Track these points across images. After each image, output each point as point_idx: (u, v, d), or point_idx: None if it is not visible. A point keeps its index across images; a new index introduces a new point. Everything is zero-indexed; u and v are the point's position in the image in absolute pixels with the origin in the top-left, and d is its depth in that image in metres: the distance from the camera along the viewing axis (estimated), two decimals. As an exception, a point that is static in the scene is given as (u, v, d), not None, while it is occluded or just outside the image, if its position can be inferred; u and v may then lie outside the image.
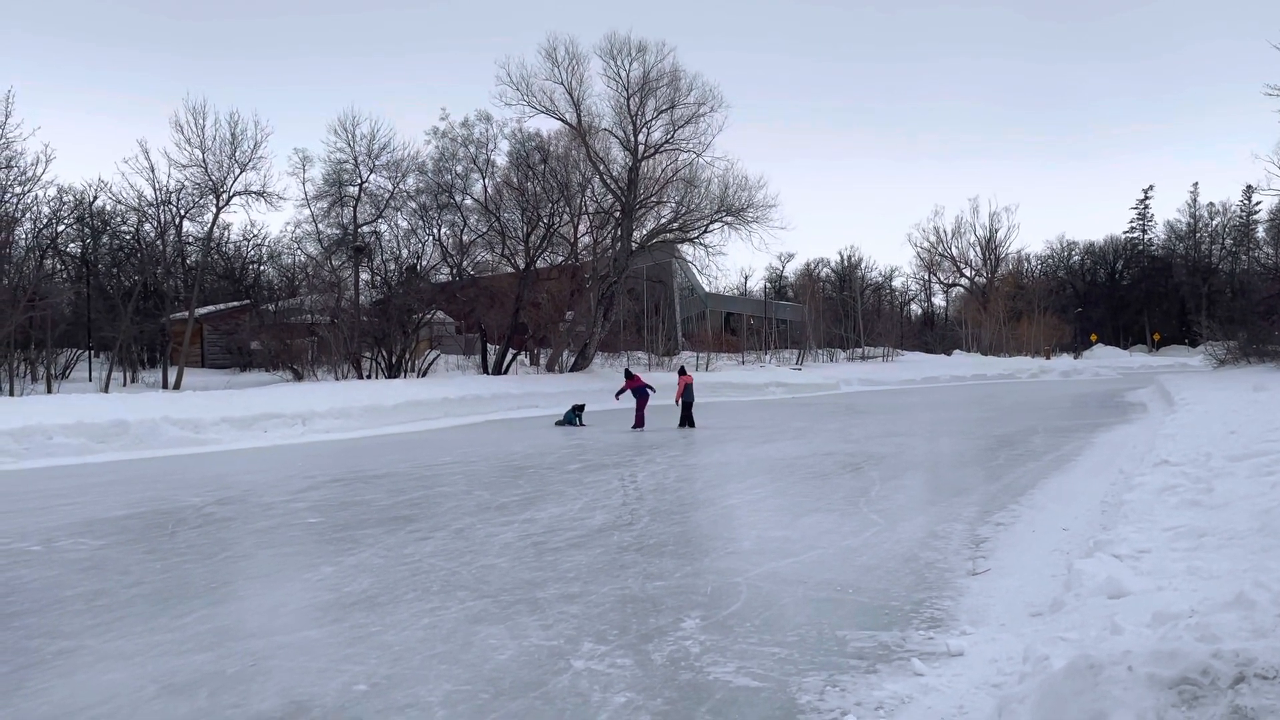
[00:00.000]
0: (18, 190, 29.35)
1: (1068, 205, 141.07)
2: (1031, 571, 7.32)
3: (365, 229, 35.46)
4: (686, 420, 22.40)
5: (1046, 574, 7.16)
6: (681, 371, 23.59)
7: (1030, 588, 6.80)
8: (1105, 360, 71.95)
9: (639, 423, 22.65)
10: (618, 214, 37.69)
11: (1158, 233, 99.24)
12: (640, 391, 23.02)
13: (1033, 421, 22.70)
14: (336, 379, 31.38)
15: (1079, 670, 3.66)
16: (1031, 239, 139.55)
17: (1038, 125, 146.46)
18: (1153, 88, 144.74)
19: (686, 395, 22.56)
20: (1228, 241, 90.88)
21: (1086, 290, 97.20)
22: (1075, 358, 74.12)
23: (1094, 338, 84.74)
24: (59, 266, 36.21)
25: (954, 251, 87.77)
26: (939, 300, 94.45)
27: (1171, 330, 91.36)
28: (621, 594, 6.74)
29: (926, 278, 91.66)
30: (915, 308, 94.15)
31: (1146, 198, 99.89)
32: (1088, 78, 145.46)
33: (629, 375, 23.92)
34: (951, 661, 5.20)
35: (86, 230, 36.16)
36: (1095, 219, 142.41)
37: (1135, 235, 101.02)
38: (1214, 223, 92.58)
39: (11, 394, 24.45)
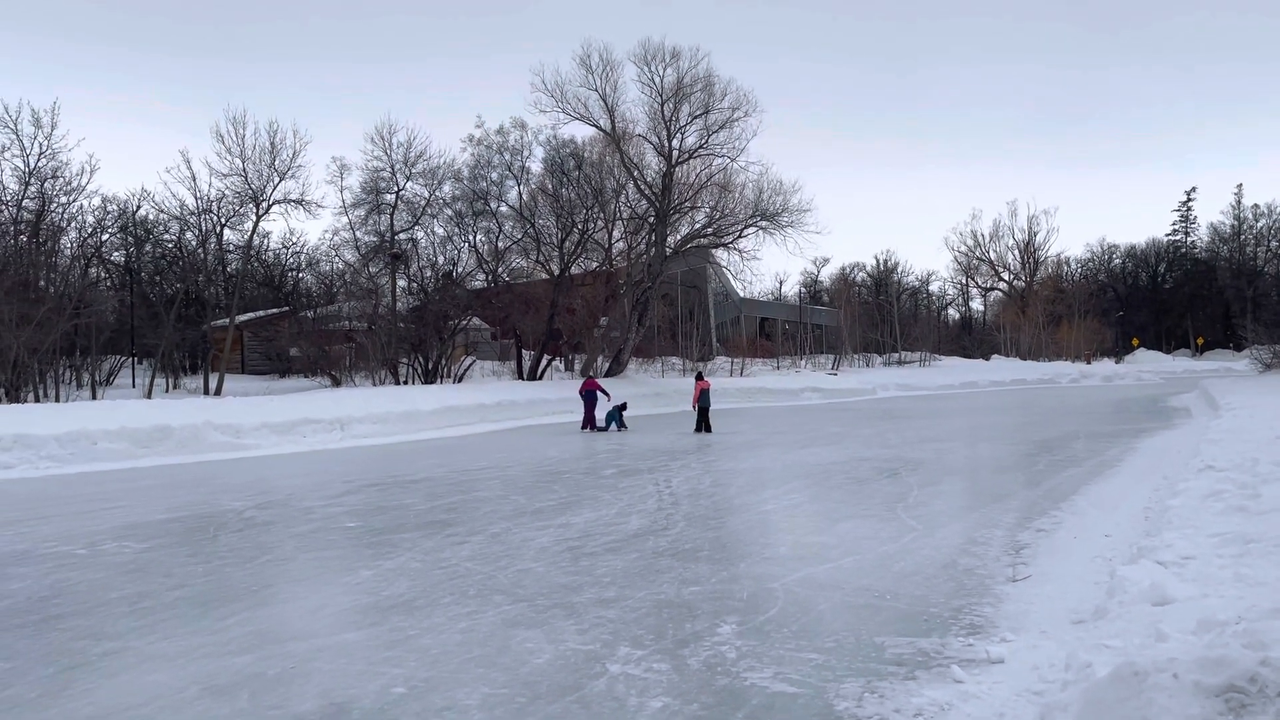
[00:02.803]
0: (63, 200, 30.09)
1: (1108, 208, 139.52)
2: (1073, 578, 7.21)
3: (402, 236, 35.81)
4: (703, 425, 22.37)
5: (1089, 581, 7.06)
6: (699, 377, 23.74)
7: (1072, 594, 6.70)
8: (1148, 365, 70.94)
9: (586, 424, 23.63)
10: (652, 219, 37.72)
11: (1201, 235, 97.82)
12: (590, 394, 23.83)
13: (1074, 427, 22.39)
14: (374, 385, 31.69)
15: (1123, 677, 3.61)
16: (1071, 242, 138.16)
17: (1078, 128, 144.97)
18: (1195, 89, 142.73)
19: (703, 400, 22.62)
20: (1273, 244, 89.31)
21: (1128, 294, 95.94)
22: (1117, 362, 73.15)
23: (1136, 342, 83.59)
24: (103, 275, 36.92)
25: (992, 255, 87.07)
26: (977, 304, 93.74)
27: (1215, 334, 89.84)
28: (657, 599, 6.73)
29: (964, 282, 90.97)
30: (953, 312, 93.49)
31: (1189, 200, 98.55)
32: (1128, 80, 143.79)
33: (588, 377, 25.16)
34: (992, 668, 5.14)
35: (130, 239, 36.89)
36: (1137, 221, 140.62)
37: (1178, 238, 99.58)
38: (1259, 225, 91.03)
39: (57, 400, 24.94)
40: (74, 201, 30.62)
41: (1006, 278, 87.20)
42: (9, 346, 23.00)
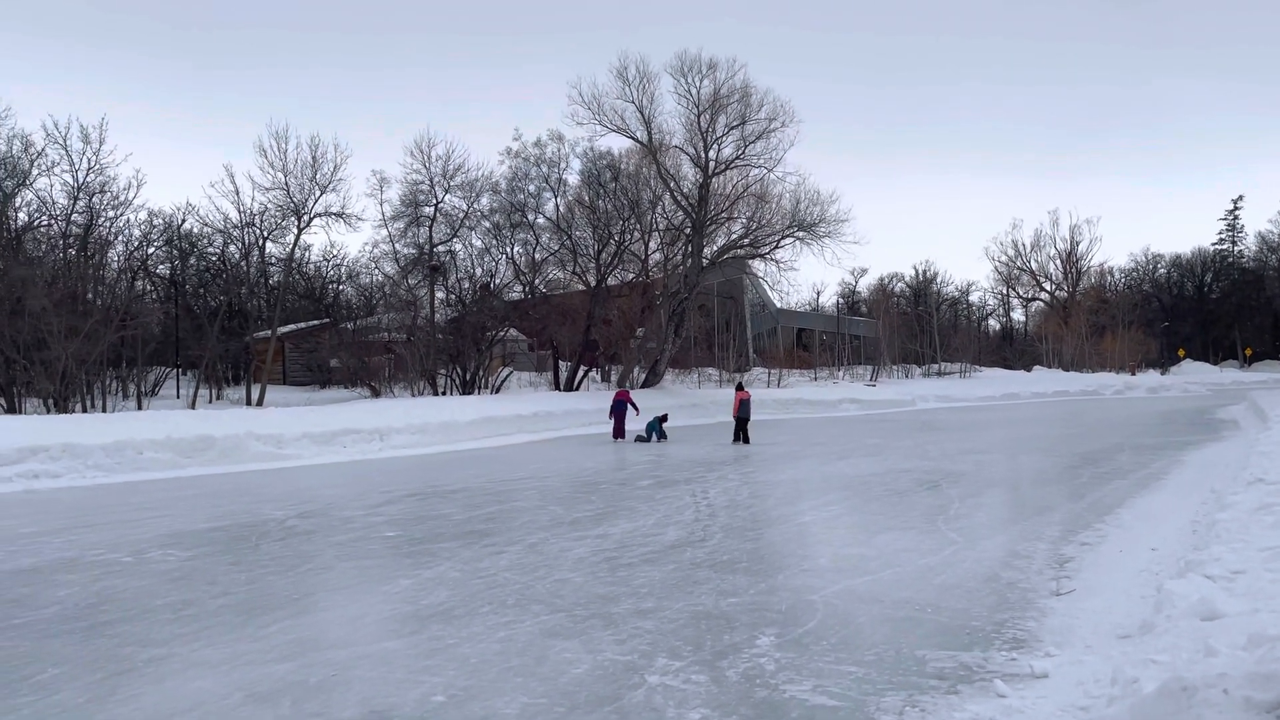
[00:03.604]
0: (111, 214, 30.72)
1: (1153, 217, 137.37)
2: (1119, 592, 7.10)
3: (440, 248, 36.11)
4: (742, 436, 22.27)
5: (1135, 595, 6.94)
6: (739, 387, 23.69)
7: (1118, 609, 6.59)
8: (1194, 376, 69.64)
9: (617, 434, 24.11)
10: (688, 230, 37.71)
11: (1249, 244, 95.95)
12: (620, 405, 24.30)
13: (1118, 439, 22.05)
14: (413, 396, 31.93)
15: (1171, 693, 3.54)
16: (1115, 252, 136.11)
17: (1121, 137, 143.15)
18: (1241, 96, 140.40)
19: (742, 411, 22.51)
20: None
21: (1174, 304, 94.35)
22: (1162, 374, 71.94)
23: (1182, 353, 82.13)
24: (149, 287, 37.57)
25: (1033, 265, 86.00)
26: (1018, 315, 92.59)
27: (1265, 345, 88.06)
28: (695, 610, 6.71)
29: (1005, 292, 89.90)
30: (993, 323, 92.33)
31: (1236, 208, 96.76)
32: (1172, 89, 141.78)
33: (620, 389, 26.46)
34: (1036, 683, 5.07)
35: (175, 252, 37.49)
36: (1182, 231, 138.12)
37: (1225, 247, 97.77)
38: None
39: (104, 410, 25.39)
40: (121, 216, 31.28)
41: (1048, 288, 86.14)
42: (58, 358, 23.47)
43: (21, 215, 30.36)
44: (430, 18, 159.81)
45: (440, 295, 36.97)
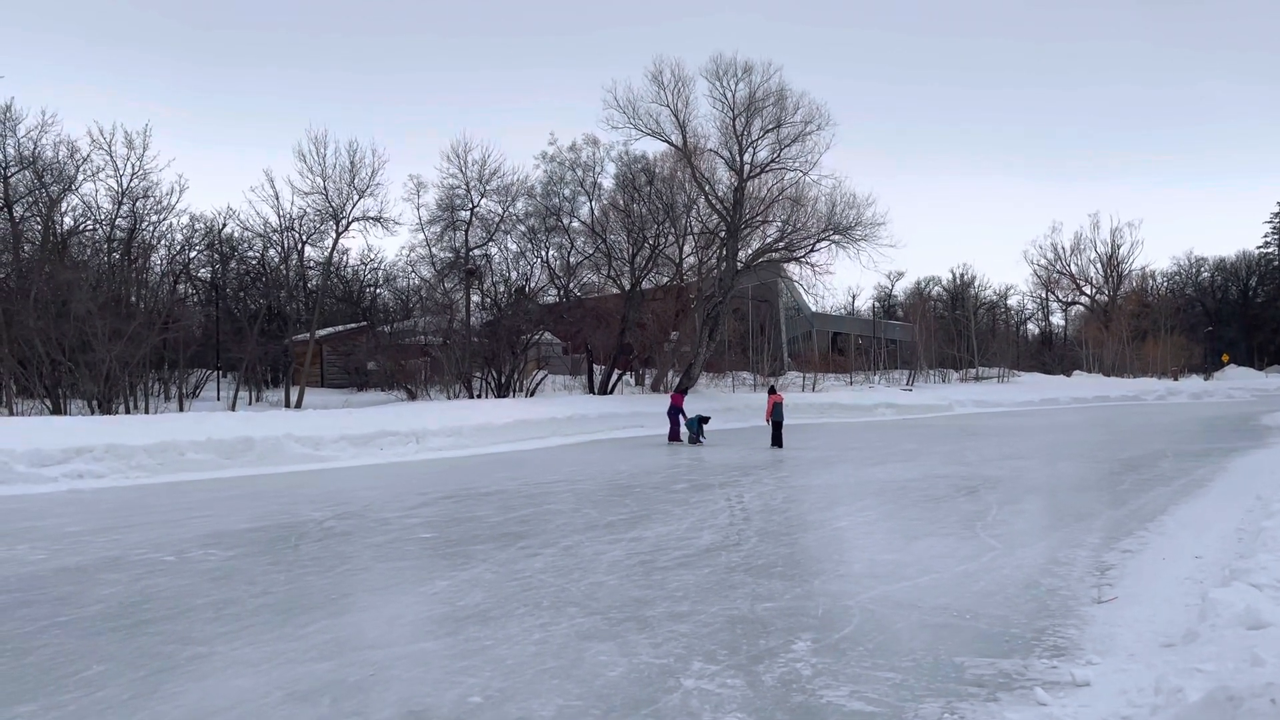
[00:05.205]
0: (154, 219, 31.17)
1: (1196, 220, 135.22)
2: (1162, 600, 6.98)
3: (476, 252, 36.29)
4: (776, 440, 22.26)
5: (1179, 603, 6.83)
6: (771, 390, 23.70)
7: (1161, 617, 6.49)
8: (1238, 381, 68.46)
9: (673, 437, 24.76)
10: (723, 234, 37.60)
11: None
12: (673, 410, 25.06)
13: (1160, 445, 21.70)
14: (448, 398, 32.11)
15: (1217, 702, 3.48)
16: (1157, 256, 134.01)
17: (1163, 139, 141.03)
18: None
19: (776, 414, 22.61)
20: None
21: (1217, 308, 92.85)
22: (1205, 379, 70.79)
23: (1226, 358, 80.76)
24: (190, 291, 38.03)
25: (1073, 269, 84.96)
26: (1057, 319, 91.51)
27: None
28: (731, 614, 6.69)
29: (1044, 296, 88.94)
30: (1032, 327, 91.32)
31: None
32: (1215, 90, 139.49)
33: (674, 393, 27.25)
34: (1077, 691, 5.00)
35: (216, 256, 37.96)
36: (1226, 234, 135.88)
37: (1270, 250, 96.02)
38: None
39: (147, 411, 25.78)
40: (163, 220, 31.70)
41: (1088, 292, 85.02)
42: (102, 360, 23.88)
43: (67, 220, 30.93)
44: (465, 22, 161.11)
45: (476, 299, 37.17)
